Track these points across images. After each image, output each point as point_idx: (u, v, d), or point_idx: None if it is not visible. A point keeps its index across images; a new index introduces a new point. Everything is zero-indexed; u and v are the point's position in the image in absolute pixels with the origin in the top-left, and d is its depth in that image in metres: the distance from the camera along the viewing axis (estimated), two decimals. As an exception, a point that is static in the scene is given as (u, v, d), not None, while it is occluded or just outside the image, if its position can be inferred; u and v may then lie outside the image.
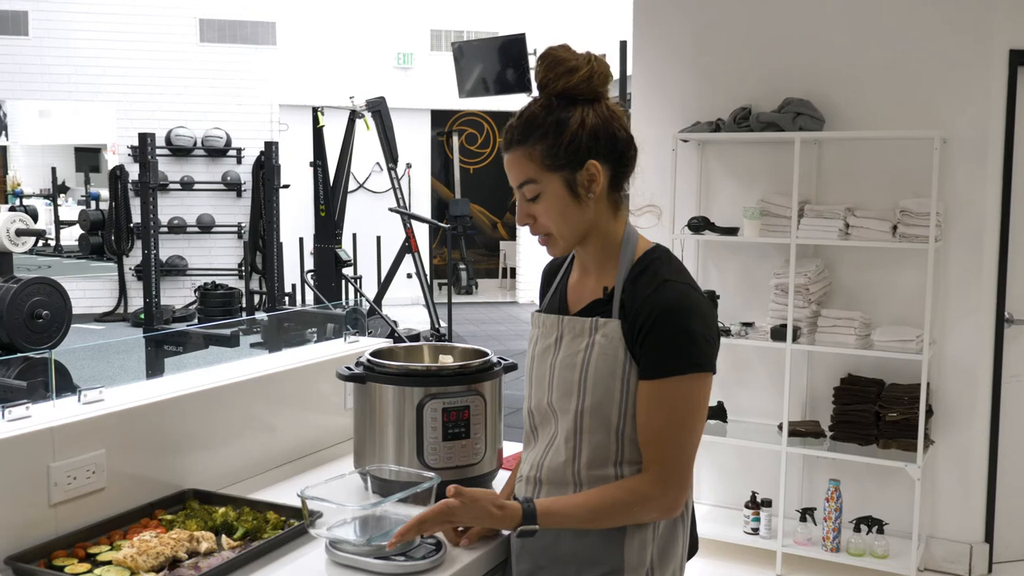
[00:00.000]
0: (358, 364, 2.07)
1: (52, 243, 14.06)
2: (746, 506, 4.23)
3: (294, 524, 1.80)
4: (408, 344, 2.30)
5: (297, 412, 2.36)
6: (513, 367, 2.12)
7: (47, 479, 1.71)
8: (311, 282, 9.27)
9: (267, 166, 10.65)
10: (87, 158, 16.32)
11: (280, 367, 2.35)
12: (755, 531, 4.19)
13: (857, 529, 4.00)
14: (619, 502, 1.58)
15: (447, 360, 2.12)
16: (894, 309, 4.11)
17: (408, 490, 1.72)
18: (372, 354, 2.09)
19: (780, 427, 4.12)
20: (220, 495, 1.97)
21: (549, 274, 1.83)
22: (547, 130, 1.57)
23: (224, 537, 1.76)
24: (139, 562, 1.60)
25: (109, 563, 1.63)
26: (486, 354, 2.10)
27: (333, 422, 2.44)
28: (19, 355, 5.05)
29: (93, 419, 1.81)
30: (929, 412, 4.00)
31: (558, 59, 1.58)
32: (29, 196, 15.82)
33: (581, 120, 1.57)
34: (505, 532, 1.75)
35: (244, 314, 10.48)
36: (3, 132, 16.65)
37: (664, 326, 1.54)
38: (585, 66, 1.58)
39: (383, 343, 2.54)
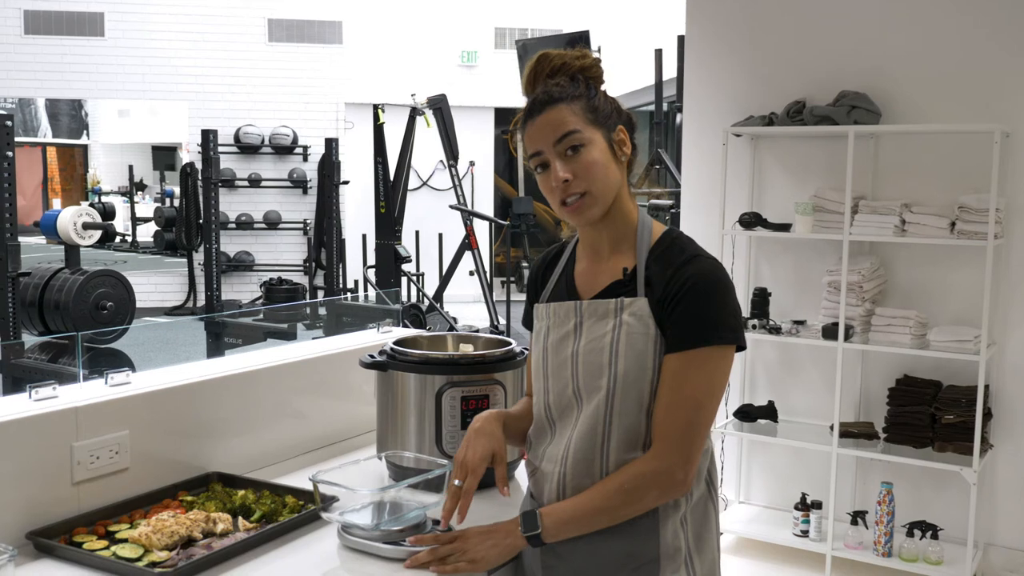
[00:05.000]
0: (381, 353, 2.08)
1: (129, 239, 14.50)
2: (796, 508, 4.14)
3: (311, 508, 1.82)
4: (432, 334, 2.31)
5: (327, 400, 2.39)
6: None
7: (70, 458, 1.75)
8: (371, 278, 9.37)
9: (327, 163, 10.83)
10: (164, 156, 16.78)
11: (310, 355, 2.38)
12: (805, 533, 4.10)
13: (910, 534, 3.89)
14: (617, 485, 1.55)
15: (468, 349, 2.12)
16: (952, 308, 3.98)
17: (418, 476, 1.73)
18: (396, 343, 2.10)
19: (832, 428, 4.03)
20: (243, 479, 2.00)
21: (542, 267, 1.78)
22: (580, 92, 1.61)
23: (240, 519, 1.79)
24: (153, 540, 1.63)
25: (126, 541, 1.66)
26: (508, 344, 2.09)
27: (363, 411, 2.44)
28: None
29: (118, 400, 1.85)
30: (988, 415, 3.87)
31: (563, 51, 1.65)
32: (108, 193, 16.32)
33: (603, 93, 1.65)
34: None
35: (307, 309, 10.66)
36: (85, 131, 17.22)
37: (696, 296, 1.53)
38: (592, 55, 1.66)
39: (414, 333, 2.54)
